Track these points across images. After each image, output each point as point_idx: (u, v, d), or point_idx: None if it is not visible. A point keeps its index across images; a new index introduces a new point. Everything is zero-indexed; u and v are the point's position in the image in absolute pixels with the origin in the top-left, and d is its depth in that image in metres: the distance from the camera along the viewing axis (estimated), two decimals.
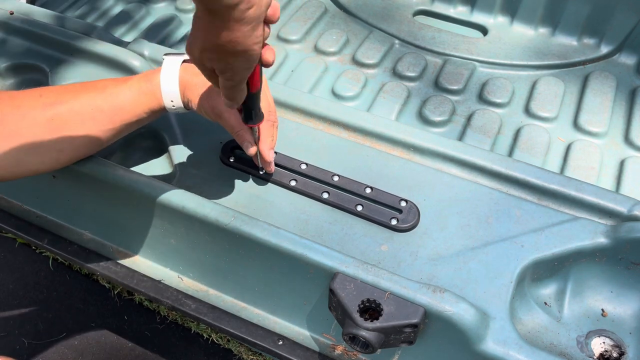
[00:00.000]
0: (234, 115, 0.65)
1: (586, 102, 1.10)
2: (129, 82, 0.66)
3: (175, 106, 0.67)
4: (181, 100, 0.67)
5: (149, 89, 0.66)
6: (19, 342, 1.37)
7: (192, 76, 0.66)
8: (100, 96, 0.65)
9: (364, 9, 1.32)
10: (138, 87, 0.66)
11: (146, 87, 0.66)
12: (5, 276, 1.48)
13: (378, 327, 0.56)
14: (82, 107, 0.64)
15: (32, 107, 0.63)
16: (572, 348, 0.63)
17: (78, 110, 0.64)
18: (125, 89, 0.66)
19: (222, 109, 0.65)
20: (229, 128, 0.66)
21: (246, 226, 0.63)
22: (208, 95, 0.65)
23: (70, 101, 0.64)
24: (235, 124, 0.65)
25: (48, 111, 0.63)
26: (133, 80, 0.67)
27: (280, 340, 0.69)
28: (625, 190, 0.95)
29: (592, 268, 0.66)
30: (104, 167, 0.71)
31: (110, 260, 0.78)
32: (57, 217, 0.83)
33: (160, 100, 0.66)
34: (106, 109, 0.65)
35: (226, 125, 0.66)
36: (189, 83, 0.66)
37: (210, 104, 0.65)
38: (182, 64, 0.67)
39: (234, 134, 0.67)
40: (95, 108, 0.65)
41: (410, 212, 0.69)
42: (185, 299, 0.73)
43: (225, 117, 0.65)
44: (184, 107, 0.68)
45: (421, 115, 1.10)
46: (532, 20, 1.24)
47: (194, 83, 0.66)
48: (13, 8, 0.92)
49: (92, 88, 0.66)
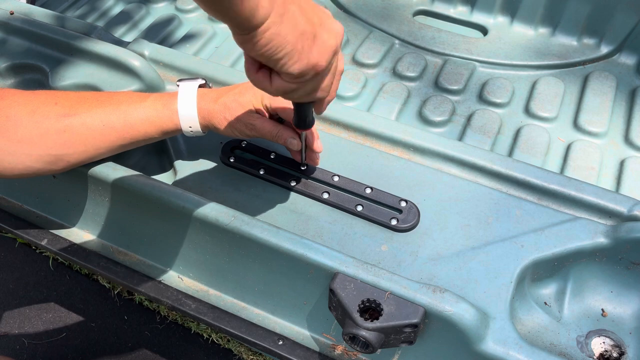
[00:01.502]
0: (266, 122, 0.67)
1: (586, 102, 1.10)
2: (145, 102, 0.67)
3: (194, 131, 0.68)
4: (200, 125, 0.68)
5: (165, 114, 0.67)
6: (19, 342, 1.37)
7: (212, 104, 0.67)
8: (114, 113, 0.66)
9: (364, 9, 1.32)
10: (154, 109, 0.67)
11: (162, 112, 0.67)
12: (5, 276, 1.48)
13: (378, 327, 0.56)
14: (95, 122, 0.65)
15: (47, 116, 0.64)
16: (572, 348, 0.63)
17: (90, 125, 0.65)
18: (140, 108, 0.66)
19: (254, 122, 0.66)
20: (266, 134, 0.67)
21: (246, 226, 0.63)
22: (235, 117, 0.66)
23: (84, 114, 0.65)
24: (271, 128, 0.67)
25: (61, 122, 0.64)
26: (149, 101, 0.67)
27: (280, 340, 0.69)
28: (625, 190, 0.95)
29: (592, 268, 0.67)
30: (104, 168, 0.71)
31: (110, 260, 0.78)
32: (57, 217, 0.83)
33: (177, 125, 0.67)
34: (118, 126, 0.66)
35: (264, 133, 0.67)
36: (211, 111, 0.67)
37: (242, 123, 0.66)
38: (197, 90, 0.68)
39: (274, 137, 0.67)
40: (107, 124, 0.66)
41: (410, 212, 0.69)
42: (185, 299, 0.73)
43: (259, 127, 0.66)
44: (202, 131, 0.69)
45: (421, 115, 1.10)
46: (532, 20, 1.24)
47: (216, 110, 0.67)
48: (13, 8, 0.92)
49: (107, 102, 0.67)
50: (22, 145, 0.63)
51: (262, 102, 0.67)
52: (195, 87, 0.68)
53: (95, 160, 0.70)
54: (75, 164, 0.67)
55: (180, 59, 0.85)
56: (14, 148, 0.63)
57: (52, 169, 0.66)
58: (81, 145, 0.66)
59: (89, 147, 0.66)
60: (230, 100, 0.66)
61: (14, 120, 0.63)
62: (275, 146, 0.76)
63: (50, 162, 0.65)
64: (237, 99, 0.66)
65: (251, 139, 0.77)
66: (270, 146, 0.76)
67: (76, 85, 0.83)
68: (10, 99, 0.64)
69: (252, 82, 0.50)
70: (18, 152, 0.63)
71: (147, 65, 0.83)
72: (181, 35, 1.30)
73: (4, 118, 0.63)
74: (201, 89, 0.69)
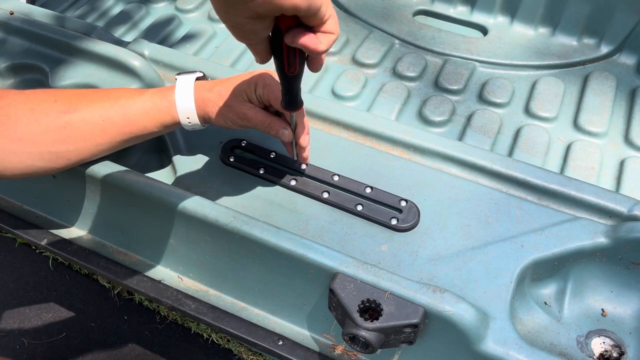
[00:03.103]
0: (259, 112, 0.66)
1: (586, 102, 1.10)
2: (143, 96, 0.67)
3: (192, 122, 0.68)
4: (197, 116, 0.67)
5: (163, 106, 0.66)
6: (19, 342, 1.37)
7: (207, 92, 0.66)
8: (113, 108, 0.66)
9: (364, 9, 1.32)
10: (152, 102, 0.66)
11: (160, 104, 0.66)
12: (5, 276, 1.48)
13: (378, 327, 0.56)
14: (94, 117, 0.65)
15: (46, 113, 0.64)
16: (572, 348, 0.63)
17: (89, 120, 0.65)
18: (138, 102, 0.66)
19: (246, 111, 0.66)
20: (258, 124, 0.67)
21: (246, 226, 0.63)
22: (228, 106, 0.66)
23: (83, 110, 0.65)
24: (264, 118, 0.66)
25: (61, 119, 0.64)
26: (147, 95, 0.67)
27: (280, 340, 0.69)
28: (625, 190, 0.95)
29: (592, 268, 0.67)
30: (103, 168, 0.71)
31: (110, 260, 0.78)
32: (57, 217, 0.83)
33: (175, 117, 0.67)
34: (117, 121, 0.66)
35: (256, 124, 0.67)
36: (205, 99, 0.66)
37: (234, 112, 0.66)
38: (195, 82, 0.68)
39: (266, 128, 0.67)
40: (106, 119, 0.65)
41: (410, 212, 0.69)
42: (185, 299, 0.73)
43: (251, 117, 0.66)
44: (200, 123, 0.68)
45: (421, 115, 1.10)
46: (532, 20, 1.24)
47: (210, 99, 0.66)
48: (13, 8, 0.92)
49: (106, 98, 0.67)
50: (23, 143, 0.63)
51: (255, 91, 0.66)
52: (192, 80, 0.68)
53: (96, 158, 0.70)
54: (75, 161, 0.67)
55: (180, 59, 0.85)
56: (14, 147, 0.63)
57: (52, 167, 0.66)
58: (81, 142, 0.66)
59: (89, 143, 0.66)
60: (224, 89, 0.66)
61: (13, 118, 0.63)
62: (275, 146, 0.76)
63: (51, 159, 0.65)
64: (230, 88, 0.66)
65: (250, 139, 0.77)
66: (270, 145, 0.76)
67: (76, 85, 0.83)
68: (9, 98, 0.64)
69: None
70: (19, 150, 0.63)
71: (147, 65, 0.83)
72: (181, 35, 1.30)
73: (4, 117, 0.63)
74: (199, 81, 0.69)
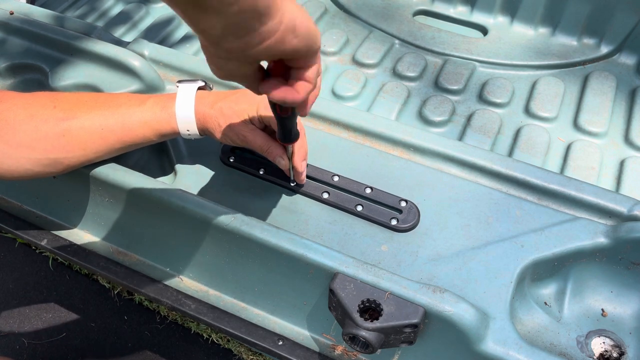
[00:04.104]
0: (258, 136, 0.66)
1: (586, 102, 1.10)
2: (143, 105, 0.67)
3: (191, 134, 0.68)
4: (197, 129, 0.67)
5: (163, 117, 0.66)
6: (19, 342, 1.37)
7: (208, 108, 0.66)
8: (113, 116, 0.66)
9: (364, 9, 1.32)
10: (152, 112, 0.66)
11: (160, 115, 0.66)
12: (5, 276, 1.48)
13: (378, 327, 0.56)
14: (93, 125, 0.65)
15: (45, 120, 0.64)
16: (572, 348, 0.63)
17: (88, 128, 0.65)
18: (138, 112, 0.66)
19: (246, 134, 0.66)
20: (257, 148, 0.67)
21: (246, 226, 0.63)
22: (229, 125, 0.66)
23: (82, 117, 0.65)
24: (262, 142, 0.66)
25: (60, 126, 0.64)
26: (147, 105, 0.67)
27: (280, 340, 0.69)
28: (625, 190, 0.95)
29: (592, 268, 0.66)
30: (104, 168, 0.71)
31: (110, 260, 0.78)
32: (57, 218, 0.83)
33: (174, 128, 0.67)
34: (117, 129, 0.66)
35: (254, 147, 0.67)
36: (207, 115, 0.66)
37: (234, 132, 0.66)
38: (196, 93, 0.68)
39: (264, 153, 0.67)
40: (105, 128, 0.65)
41: (410, 212, 0.69)
42: (185, 299, 0.73)
43: (250, 140, 0.66)
44: (200, 135, 0.69)
45: (421, 115, 1.10)
46: (532, 20, 1.24)
47: (211, 115, 0.66)
48: (13, 8, 0.92)
49: (106, 105, 0.67)
50: (21, 149, 0.63)
51: (257, 111, 0.66)
52: (194, 90, 0.68)
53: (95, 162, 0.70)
54: (74, 166, 0.67)
55: (180, 59, 0.85)
56: (12, 152, 0.63)
57: (51, 171, 0.66)
58: (80, 149, 0.66)
59: (88, 151, 0.66)
60: (226, 107, 0.66)
61: (12, 124, 0.63)
62: None
63: (49, 165, 0.65)
64: (232, 107, 0.66)
65: None
66: None
67: (76, 85, 0.83)
68: (9, 102, 0.64)
69: (267, 96, 0.47)
70: (17, 155, 0.63)
71: (147, 65, 0.83)
72: (181, 35, 1.30)
73: (3, 122, 0.63)
74: (200, 91, 0.69)
